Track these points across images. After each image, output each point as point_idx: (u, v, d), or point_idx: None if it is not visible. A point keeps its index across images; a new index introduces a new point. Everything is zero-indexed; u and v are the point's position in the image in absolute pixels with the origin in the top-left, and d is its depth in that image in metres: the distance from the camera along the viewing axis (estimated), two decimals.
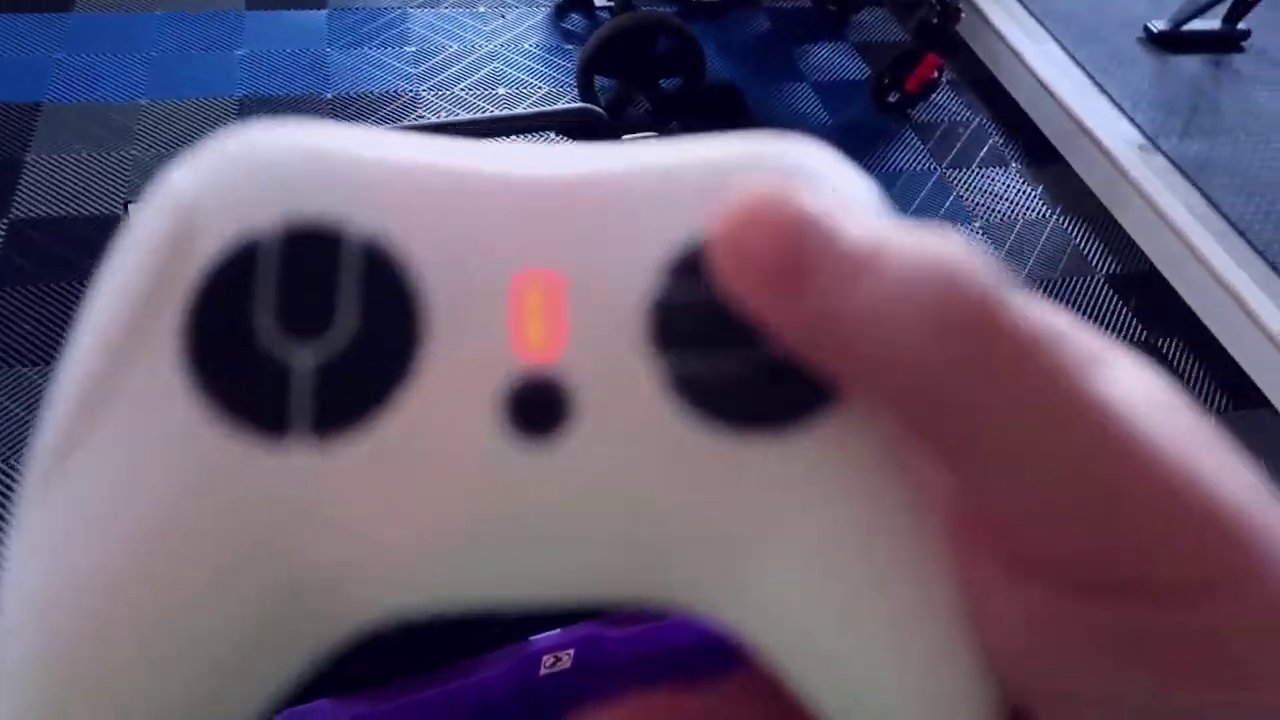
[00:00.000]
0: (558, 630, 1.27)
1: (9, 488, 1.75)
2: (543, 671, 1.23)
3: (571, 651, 1.23)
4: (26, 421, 1.85)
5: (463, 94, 2.83)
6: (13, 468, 1.78)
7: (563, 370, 0.16)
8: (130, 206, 1.37)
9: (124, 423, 0.15)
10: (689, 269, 0.16)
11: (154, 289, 0.15)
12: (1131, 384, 0.16)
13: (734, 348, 0.16)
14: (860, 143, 2.91)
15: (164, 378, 0.15)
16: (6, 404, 1.87)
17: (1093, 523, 0.15)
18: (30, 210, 2.26)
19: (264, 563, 0.16)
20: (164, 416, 0.15)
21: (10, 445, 1.81)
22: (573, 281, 0.16)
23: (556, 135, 1.61)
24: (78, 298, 1.67)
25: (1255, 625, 0.15)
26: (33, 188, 2.33)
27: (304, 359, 0.15)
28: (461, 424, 0.16)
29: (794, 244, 0.15)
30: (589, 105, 1.49)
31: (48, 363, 1.95)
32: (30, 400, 1.88)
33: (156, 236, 0.16)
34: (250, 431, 0.15)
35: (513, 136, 2.65)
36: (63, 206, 2.29)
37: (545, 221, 0.16)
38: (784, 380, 0.16)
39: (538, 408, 0.16)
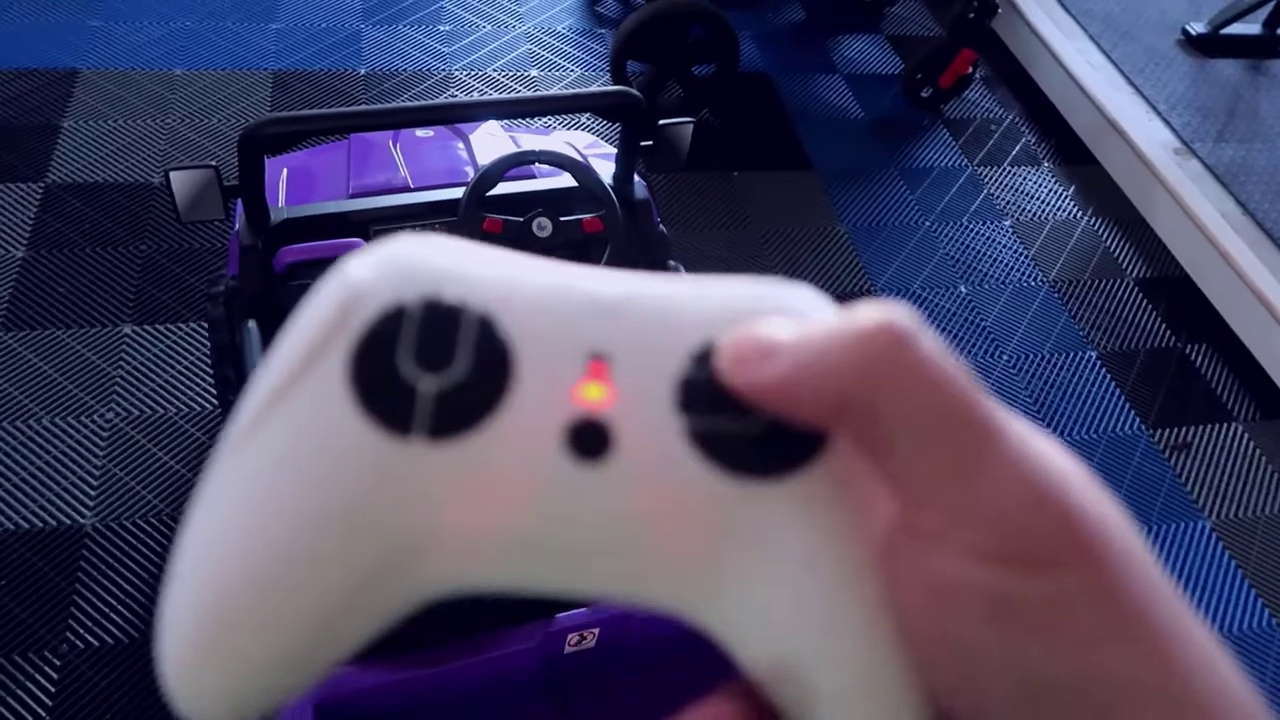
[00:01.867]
0: (584, 609, 1.29)
1: (45, 445, 1.77)
2: (567, 650, 1.30)
3: (597, 631, 1.29)
4: (58, 382, 1.87)
5: (495, 74, 2.83)
6: (46, 428, 1.80)
7: (609, 416, 0.22)
8: (170, 173, 1.38)
9: (299, 414, 0.21)
10: (706, 358, 0.23)
11: (331, 331, 0.22)
12: (1021, 428, 0.21)
13: (737, 414, 0.22)
14: (891, 137, 2.89)
15: (332, 387, 0.21)
16: (40, 365, 1.89)
17: (972, 502, 0.20)
18: (66, 176, 2.28)
19: (381, 529, 0.21)
20: (329, 412, 0.21)
21: (44, 405, 1.83)
22: (623, 359, 0.22)
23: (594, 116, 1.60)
24: (110, 263, 1.69)
25: (1092, 594, 0.19)
26: (69, 153, 2.34)
27: (429, 385, 0.21)
28: (534, 445, 0.22)
29: (765, 343, 0.22)
30: (626, 89, 1.50)
31: (80, 325, 1.97)
32: (62, 362, 1.90)
33: (334, 300, 0.22)
34: (386, 429, 0.21)
35: (551, 117, 2.65)
36: (98, 173, 2.30)
37: (608, 318, 0.23)
38: (773, 441, 0.22)
39: (589, 440, 0.22)
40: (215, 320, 1.52)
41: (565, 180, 1.53)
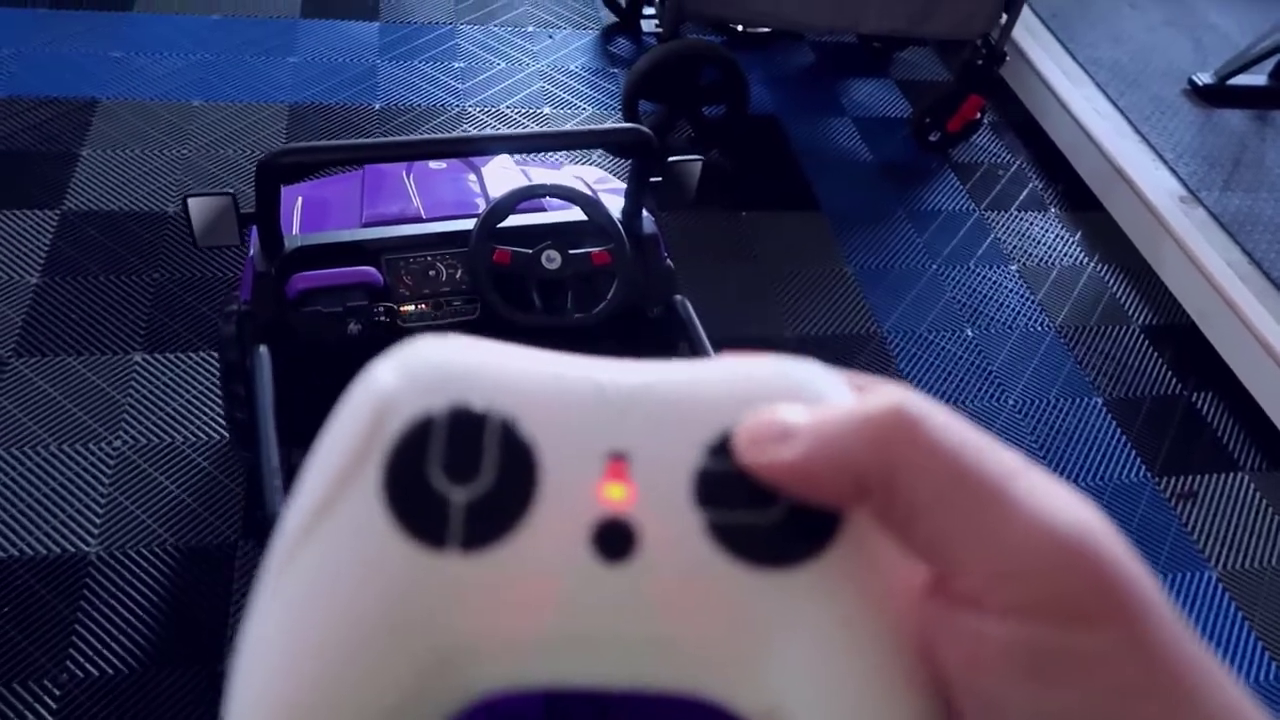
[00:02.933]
0: None
1: (52, 472, 1.77)
2: None
3: None
4: (67, 409, 1.88)
5: (508, 111, 2.87)
6: (53, 454, 1.81)
7: (632, 516, 0.23)
8: (188, 199, 1.39)
9: (340, 532, 0.22)
10: (723, 449, 0.23)
11: (364, 444, 0.23)
12: (1042, 483, 0.22)
13: (756, 504, 0.23)
14: (899, 180, 2.92)
15: (368, 503, 0.22)
16: (50, 391, 1.90)
17: (1003, 563, 0.21)
18: (82, 203, 2.31)
19: (422, 638, 0.22)
20: (367, 528, 0.22)
21: (52, 431, 1.83)
22: (641, 455, 0.23)
23: (607, 152, 1.62)
24: (123, 290, 1.70)
25: (1126, 646, 0.20)
26: (86, 181, 2.37)
27: (459, 496, 0.22)
28: (561, 549, 0.22)
29: (780, 427, 0.23)
30: (638, 126, 1.52)
31: (91, 352, 1.98)
32: (72, 388, 1.91)
33: (366, 411, 0.23)
34: (421, 543, 0.22)
35: (563, 152, 2.68)
36: (114, 201, 2.33)
37: (624, 414, 0.24)
38: (793, 527, 0.23)
39: (614, 541, 0.23)
40: (226, 340, 1.53)
41: (575, 214, 1.54)
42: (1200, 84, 3.27)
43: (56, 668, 1.54)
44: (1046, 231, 2.83)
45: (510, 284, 1.50)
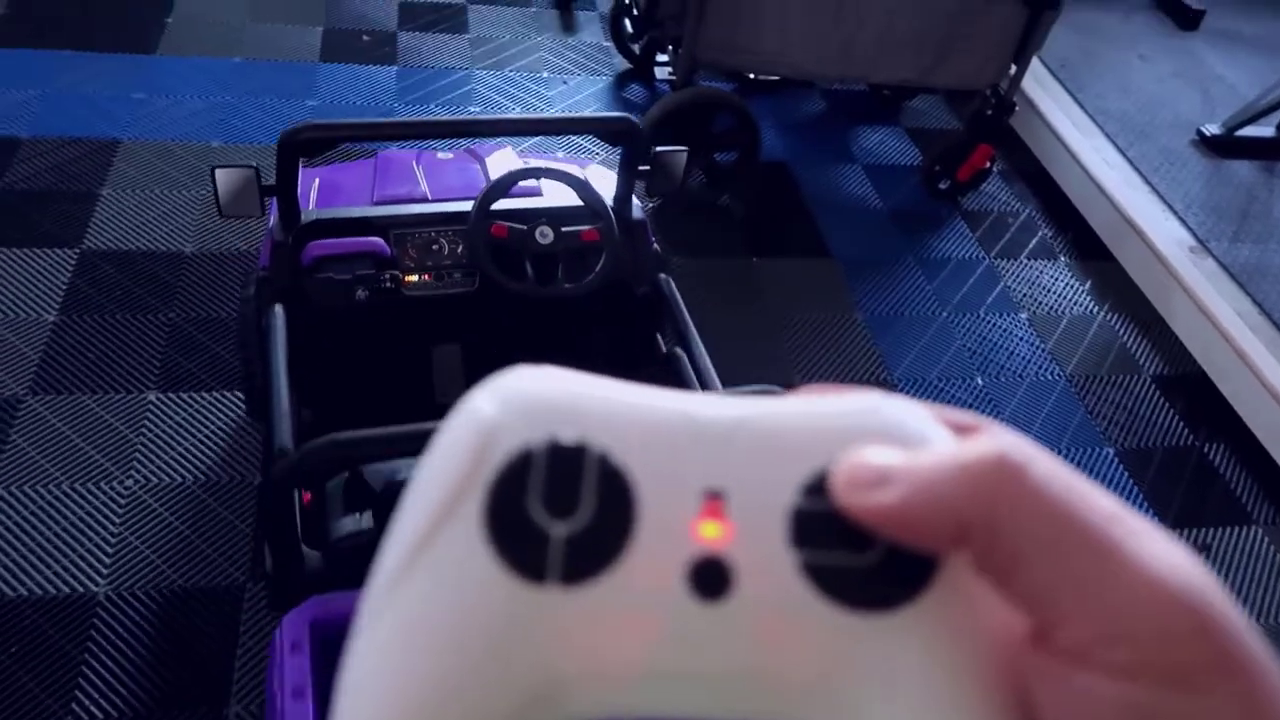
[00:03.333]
0: None
1: (63, 510, 1.78)
2: None
3: None
4: (80, 447, 1.89)
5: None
6: (65, 493, 1.81)
7: (729, 554, 0.23)
8: (215, 170, 1.49)
9: (443, 564, 0.23)
10: (819, 489, 0.23)
11: (465, 477, 0.23)
12: (1149, 534, 0.21)
13: (851, 546, 0.23)
14: (909, 227, 2.94)
15: (470, 536, 0.23)
16: (64, 429, 1.92)
17: (1111, 618, 0.20)
18: (101, 242, 2.34)
19: (522, 670, 0.22)
20: (469, 561, 0.23)
21: (65, 469, 1.84)
22: (737, 493, 0.23)
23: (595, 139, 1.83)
24: (139, 329, 1.73)
25: (1238, 709, 0.20)
26: (105, 221, 2.40)
27: (559, 531, 0.23)
28: (658, 585, 0.23)
29: (878, 470, 0.23)
30: (626, 115, 1.65)
31: (105, 391, 2.00)
32: (86, 427, 1.92)
33: (467, 443, 0.24)
34: (521, 577, 0.22)
35: (564, 150, 2.78)
36: (132, 240, 2.36)
37: (720, 450, 0.24)
38: (889, 571, 0.23)
39: (710, 579, 0.23)
40: (246, 304, 1.68)
41: (569, 199, 1.65)
42: (1209, 135, 3.29)
43: (63, 709, 1.54)
44: (1056, 280, 2.84)
45: (506, 257, 1.62)
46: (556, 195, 1.71)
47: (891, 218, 2.96)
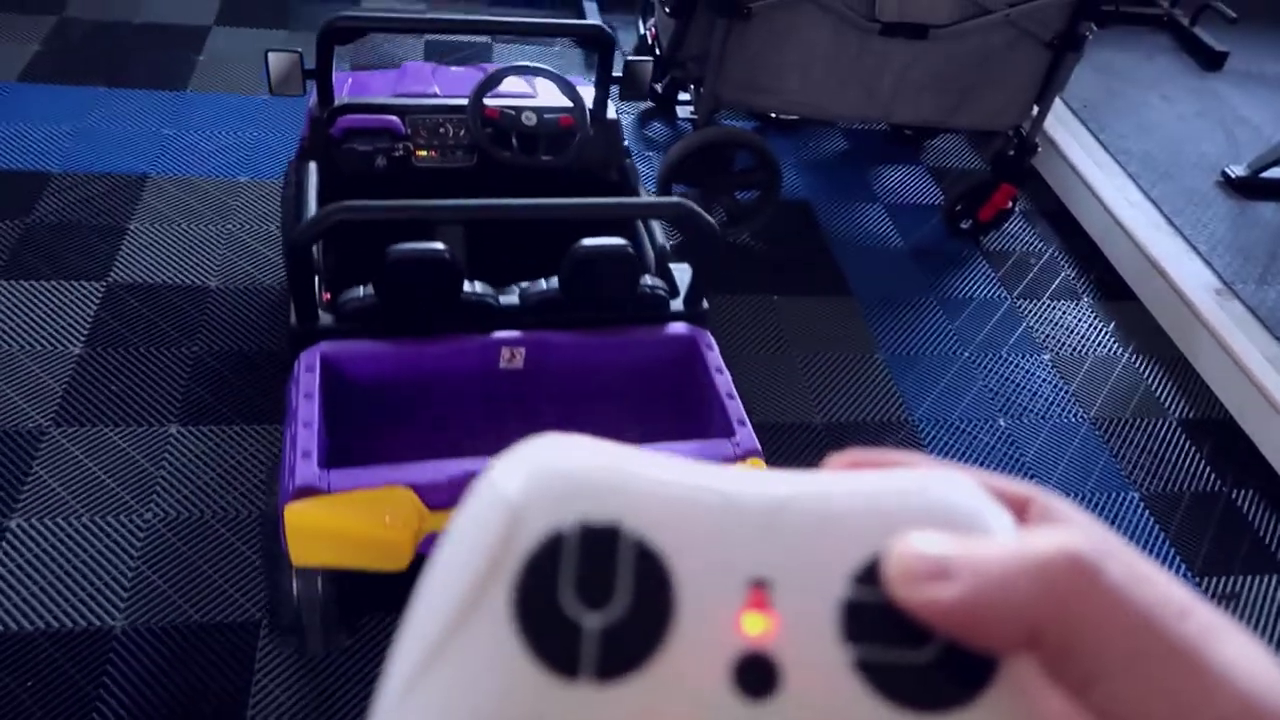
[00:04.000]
0: (517, 332, 1.62)
1: (82, 543, 1.78)
2: (501, 365, 1.63)
3: (523, 351, 1.61)
4: (101, 480, 1.89)
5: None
6: (85, 526, 1.82)
7: (775, 650, 0.21)
8: (268, 53, 1.92)
9: (470, 654, 0.21)
10: (871, 578, 0.22)
11: (493, 562, 0.22)
12: (1235, 641, 0.21)
13: (907, 641, 0.21)
14: (931, 267, 2.92)
15: (498, 626, 0.21)
16: (85, 461, 1.93)
17: None
18: (127, 276, 2.36)
19: None
20: (497, 653, 0.21)
21: (85, 502, 1.85)
22: (783, 582, 0.22)
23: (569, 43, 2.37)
24: (162, 363, 1.76)
25: None
26: (132, 255, 2.43)
27: (593, 622, 0.21)
28: (699, 683, 0.21)
29: (936, 562, 0.21)
30: (600, 24, 2.02)
31: (128, 424, 2.01)
32: (107, 459, 1.93)
33: (494, 524, 0.22)
34: (553, 672, 0.21)
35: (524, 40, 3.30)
36: (157, 274, 2.39)
37: (763, 535, 0.22)
38: (946, 669, 0.21)
39: (755, 677, 0.21)
40: (290, 172, 2.10)
41: (557, 101, 2.05)
42: (1234, 176, 3.27)
43: None
44: (1080, 321, 2.82)
45: (498, 135, 2.03)
46: (547, 98, 2.11)
47: (913, 257, 2.95)
